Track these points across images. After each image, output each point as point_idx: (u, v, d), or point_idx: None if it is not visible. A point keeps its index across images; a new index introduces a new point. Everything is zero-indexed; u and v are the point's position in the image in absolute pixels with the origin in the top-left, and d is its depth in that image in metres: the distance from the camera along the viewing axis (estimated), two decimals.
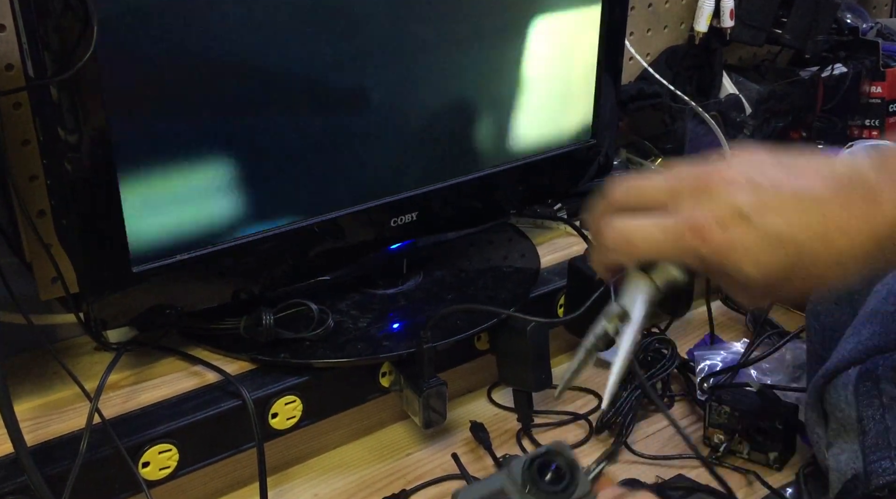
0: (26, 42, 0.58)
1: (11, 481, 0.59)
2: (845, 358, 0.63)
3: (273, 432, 0.70)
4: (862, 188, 0.45)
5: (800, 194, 0.45)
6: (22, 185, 0.67)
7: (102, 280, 0.63)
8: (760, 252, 0.45)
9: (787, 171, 0.47)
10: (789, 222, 0.45)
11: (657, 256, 0.48)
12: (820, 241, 0.45)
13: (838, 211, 0.45)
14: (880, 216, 0.45)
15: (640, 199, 0.49)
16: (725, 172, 0.47)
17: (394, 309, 0.79)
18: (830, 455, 0.64)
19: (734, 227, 0.45)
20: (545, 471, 0.47)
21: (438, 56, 0.74)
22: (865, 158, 0.46)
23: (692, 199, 0.47)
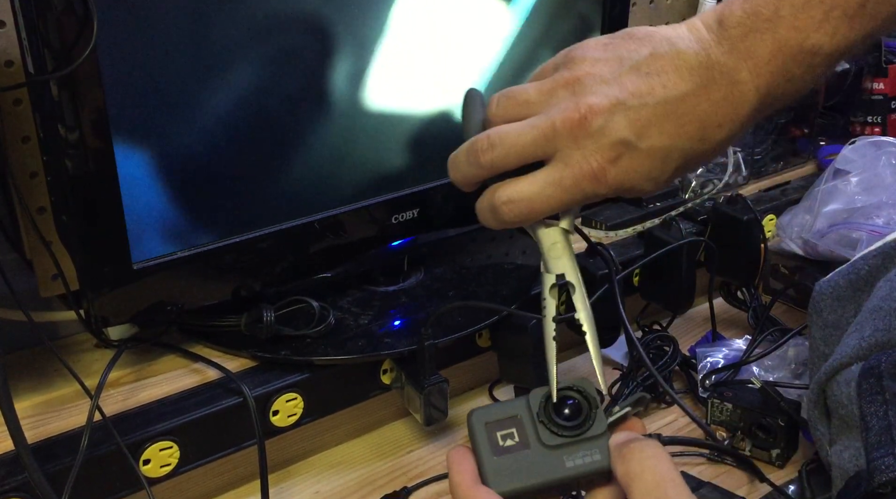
0: (26, 38, 0.58)
1: (12, 478, 0.59)
2: (848, 355, 0.63)
3: (274, 429, 0.70)
4: (719, 73, 0.47)
5: (668, 100, 0.48)
6: (22, 181, 0.67)
7: (103, 277, 0.63)
8: (652, 170, 0.48)
9: (642, 74, 0.48)
10: (669, 134, 0.48)
11: (561, 209, 0.49)
12: (698, 140, 0.48)
13: (706, 106, 0.48)
14: (740, 97, 0.48)
15: (520, 157, 0.49)
16: (590, 98, 0.48)
17: (395, 306, 0.79)
18: (833, 452, 0.64)
19: (622, 159, 0.48)
20: (563, 406, 0.46)
21: (440, 53, 0.74)
22: (705, 31, 0.48)
23: (573, 141, 0.48)
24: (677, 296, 0.87)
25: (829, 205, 0.91)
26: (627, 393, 0.78)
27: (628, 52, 0.49)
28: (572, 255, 0.50)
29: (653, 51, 0.49)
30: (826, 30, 0.48)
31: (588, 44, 0.51)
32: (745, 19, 0.48)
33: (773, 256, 0.96)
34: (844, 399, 0.62)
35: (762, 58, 0.48)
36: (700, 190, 1.02)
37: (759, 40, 0.48)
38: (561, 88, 0.49)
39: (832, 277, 0.71)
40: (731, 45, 0.48)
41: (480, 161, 0.50)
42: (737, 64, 0.48)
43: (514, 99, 0.51)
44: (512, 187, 0.49)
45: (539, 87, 0.50)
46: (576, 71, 0.49)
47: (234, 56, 0.64)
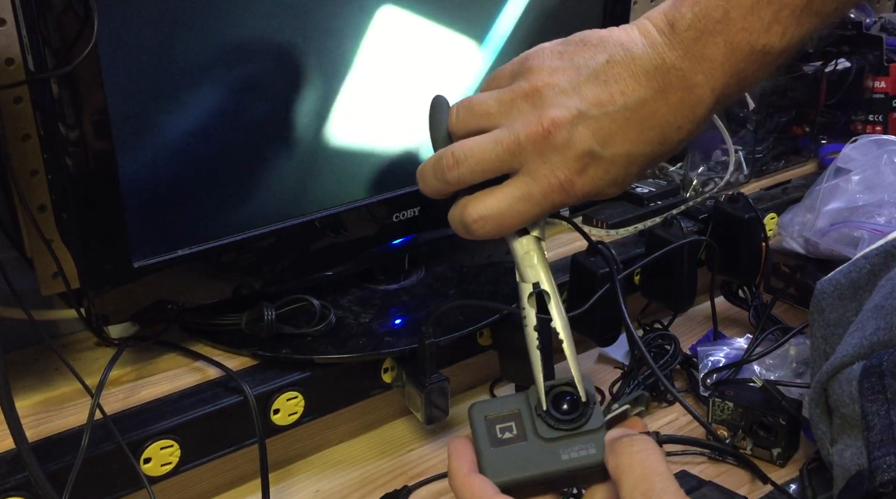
0: (26, 36, 0.58)
1: (12, 477, 0.59)
2: (849, 353, 0.63)
3: (275, 427, 0.70)
4: (675, 78, 0.49)
5: (628, 107, 0.48)
6: (22, 179, 0.67)
7: (103, 275, 0.63)
8: (616, 176, 0.50)
9: (600, 82, 0.49)
10: (631, 141, 0.49)
11: (530, 222, 0.50)
12: (659, 144, 0.50)
13: (665, 110, 0.49)
14: (696, 99, 0.49)
15: (486, 172, 0.50)
16: (551, 111, 0.48)
17: (396, 304, 0.79)
18: (835, 451, 0.63)
19: (588, 169, 0.49)
20: (561, 401, 0.47)
21: (441, 50, 0.74)
22: (657, 34, 0.49)
23: (538, 155, 0.49)
24: (678, 294, 0.86)
25: (830, 203, 0.91)
26: (629, 391, 0.78)
27: (584, 60, 0.50)
28: (545, 263, 0.51)
29: (609, 58, 0.49)
30: (776, 30, 0.48)
31: (544, 51, 0.51)
32: (696, 22, 0.48)
33: (775, 254, 0.96)
34: (846, 398, 0.62)
35: (716, 60, 0.48)
36: (701, 188, 1.02)
37: (712, 43, 0.48)
38: (521, 100, 0.50)
39: (834, 276, 0.71)
40: (684, 50, 0.48)
41: (447, 177, 0.51)
42: (691, 67, 0.48)
43: (474, 110, 0.52)
44: (482, 204, 0.50)
45: (499, 98, 0.51)
46: (534, 81, 0.50)
47: (239, 50, 0.63)
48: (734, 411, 0.74)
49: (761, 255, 0.89)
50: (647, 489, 0.43)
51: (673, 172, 1.04)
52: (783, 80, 1.09)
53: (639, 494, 0.43)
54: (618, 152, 0.49)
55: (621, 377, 0.82)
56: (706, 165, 1.05)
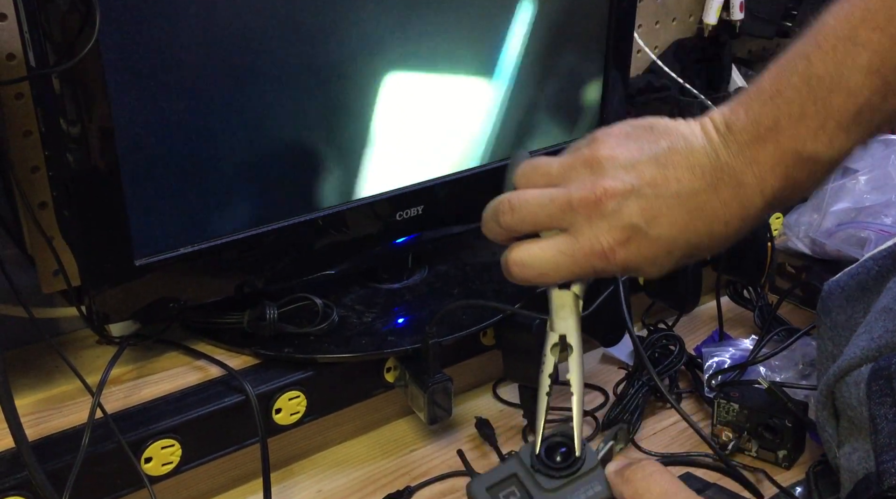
0: (28, 31, 0.57)
1: (12, 476, 0.59)
2: (857, 356, 0.62)
3: (277, 427, 0.70)
4: (727, 175, 0.50)
5: (680, 194, 0.50)
6: (23, 176, 0.67)
7: (105, 273, 0.62)
8: (658, 257, 0.51)
9: (659, 165, 0.50)
10: (678, 227, 0.50)
11: (569, 279, 0.52)
12: (705, 235, 0.51)
13: (715, 204, 0.50)
14: (746, 199, 0.50)
15: (535, 225, 0.52)
16: (607, 181, 0.50)
17: (399, 304, 0.79)
18: (842, 454, 0.63)
19: (631, 242, 0.50)
20: (553, 453, 0.49)
21: (443, 48, 0.73)
22: (715, 133, 0.51)
23: (587, 219, 0.51)
24: (683, 295, 0.86)
25: (837, 203, 0.90)
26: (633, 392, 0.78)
27: (648, 143, 0.52)
28: (578, 320, 0.52)
29: (670, 145, 0.51)
30: (822, 140, 0.50)
31: (613, 129, 0.54)
32: (749, 126, 0.51)
33: (780, 255, 0.95)
34: (853, 401, 0.62)
35: (766, 164, 0.50)
36: None
37: (763, 148, 0.50)
38: (581, 165, 0.52)
39: (841, 277, 0.71)
40: (738, 149, 0.50)
41: (500, 220, 0.53)
42: (743, 168, 0.50)
43: (538, 169, 0.54)
44: (525, 250, 0.52)
45: (562, 162, 0.53)
46: (596, 151, 0.52)
47: (240, 52, 0.63)
48: (739, 413, 0.74)
49: (767, 255, 0.88)
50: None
51: None
52: None
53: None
54: (662, 234, 0.50)
55: (625, 378, 0.81)
56: None
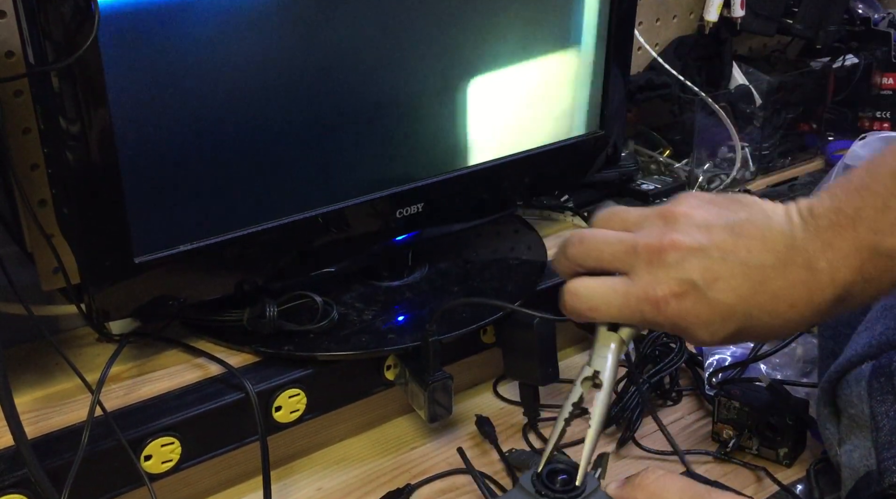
0: (27, 28, 0.57)
1: (12, 474, 0.59)
2: (858, 353, 0.62)
3: (277, 425, 0.69)
4: (800, 257, 0.49)
5: (747, 264, 0.49)
6: (23, 174, 0.67)
7: (104, 271, 0.62)
8: (711, 321, 0.50)
9: (732, 232, 0.50)
10: (738, 295, 0.49)
11: (618, 320, 0.52)
12: (766, 312, 0.50)
13: (782, 283, 0.49)
14: (817, 284, 0.49)
15: (599, 261, 0.52)
16: (676, 235, 0.50)
17: (399, 301, 0.78)
18: (843, 452, 0.63)
19: (686, 298, 0.50)
20: (553, 479, 0.50)
21: (444, 45, 0.73)
22: (797, 215, 0.50)
23: (647, 266, 0.50)
24: None
25: None
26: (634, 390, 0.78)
27: (727, 211, 0.52)
28: (616, 364, 0.53)
29: (749, 217, 0.51)
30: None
31: (699, 193, 0.55)
32: (830, 212, 0.50)
33: None
34: (854, 398, 0.62)
35: (841, 252, 0.49)
36: (707, 185, 1.01)
37: (840, 234, 0.49)
38: (656, 217, 0.53)
39: None
40: (815, 234, 0.50)
41: (566, 251, 0.54)
42: (817, 252, 0.49)
43: (616, 214, 0.55)
44: (582, 282, 0.53)
45: (641, 212, 0.54)
46: (675, 208, 0.53)
47: (240, 45, 0.63)
48: (740, 411, 0.74)
49: None
50: (693, 493, 0.45)
51: (679, 169, 1.04)
52: (791, 76, 1.09)
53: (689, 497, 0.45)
54: (720, 298, 0.49)
55: (626, 376, 0.81)
56: (712, 161, 1.04)
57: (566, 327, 0.84)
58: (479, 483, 0.71)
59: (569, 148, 0.85)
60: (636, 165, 1.01)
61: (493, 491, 0.70)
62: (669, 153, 1.05)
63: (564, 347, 0.86)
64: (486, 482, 0.71)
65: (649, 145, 1.06)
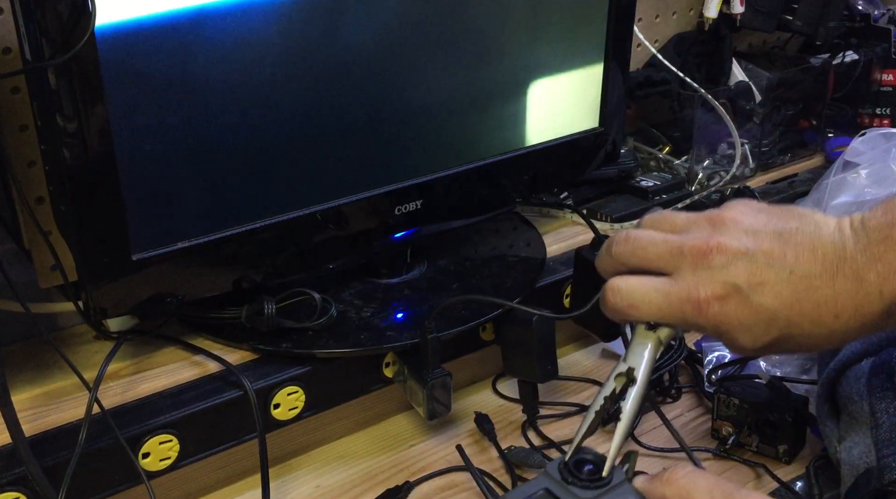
0: (23, 25, 0.57)
1: (9, 472, 0.58)
2: (858, 350, 0.62)
3: (275, 422, 0.69)
4: (849, 267, 0.49)
5: (793, 271, 0.49)
6: (20, 171, 0.66)
7: (102, 268, 0.62)
8: (753, 326, 0.50)
9: (780, 239, 0.50)
10: (782, 301, 0.49)
11: (658, 319, 0.52)
12: (810, 320, 0.49)
13: (828, 291, 0.49)
14: (864, 297, 0.49)
15: (644, 260, 0.52)
16: (723, 238, 0.50)
17: (398, 298, 0.78)
18: (842, 449, 0.63)
19: (729, 302, 0.49)
20: (581, 467, 0.49)
21: (443, 43, 0.73)
22: (849, 228, 0.50)
23: (692, 267, 0.50)
24: None
25: (838, 197, 0.90)
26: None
27: (777, 219, 0.52)
28: (652, 363, 0.52)
29: (799, 226, 0.51)
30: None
31: (749, 201, 0.55)
32: (884, 226, 0.50)
33: None
34: (854, 395, 0.62)
35: (892, 264, 0.49)
36: (707, 182, 1.01)
37: (893, 249, 0.49)
38: (705, 221, 0.53)
39: None
40: (866, 245, 0.49)
41: (611, 249, 0.54)
42: (867, 264, 0.49)
43: (666, 218, 0.55)
44: (624, 280, 0.53)
45: (689, 216, 0.54)
46: (724, 213, 0.53)
47: (237, 44, 0.63)
48: (740, 408, 0.73)
49: None
50: (724, 491, 0.44)
51: (678, 166, 1.03)
52: (790, 72, 1.08)
53: (719, 496, 0.44)
54: (764, 303, 0.49)
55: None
56: (712, 158, 1.04)
57: (565, 325, 0.84)
58: (478, 481, 0.71)
59: (568, 145, 0.85)
60: (635, 161, 1.01)
61: (492, 488, 0.70)
62: (669, 150, 1.05)
63: (563, 344, 0.86)
64: (485, 480, 0.71)
65: (649, 142, 1.06)
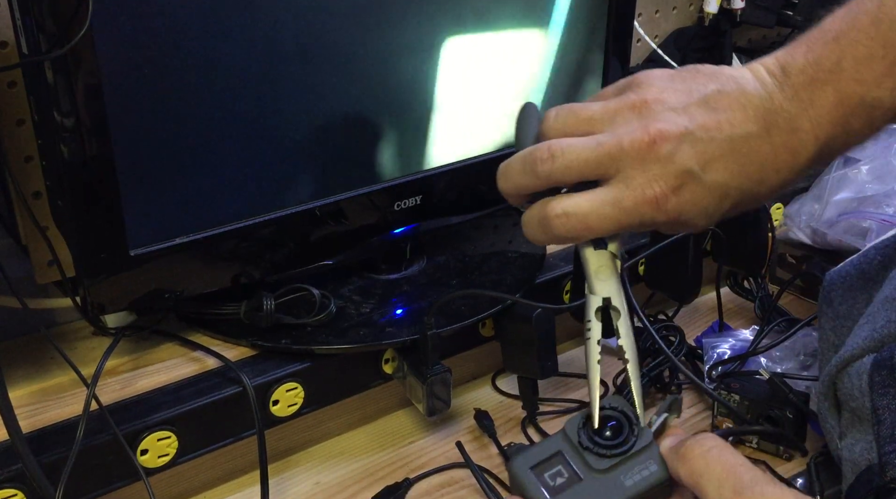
0: (20, 18, 0.56)
1: (6, 468, 0.58)
2: (859, 346, 0.62)
3: (274, 419, 0.69)
4: (782, 119, 0.48)
5: (733, 138, 0.48)
6: (17, 166, 0.66)
7: (99, 263, 0.62)
8: (709, 206, 0.48)
9: (709, 108, 0.48)
10: (731, 172, 0.48)
11: (615, 231, 0.49)
12: (756, 181, 0.49)
13: (768, 149, 0.48)
14: (800, 145, 0.48)
15: (581, 172, 0.48)
16: (660, 124, 0.47)
17: (397, 294, 0.78)
18: (844, 446, 0.62)
19: (685, 190, 0.47)
20: (603, 427, 0.45)
21: (444, 37, 0.73)
22: (768, 76, 0.49)
23: (638, 164, 0.47)
24: (684, 285, 0.85)
25: (838, 193, 0.89)
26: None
27: (696, 85, 0.49)
28: (619, 279, 0.49)
29: (720, 87, 0.49)
30: (887, 85, 0.48)
31: (654, 72, 0.51)
32: (808, 68, 0.48)
33: (781, 245, 0.95)
34: (856, 392, 0.61)
35: (824, 108, 0.48)
36: None
37: (821, 91, 0.48)
38: (628, 110, 0.49)
39: (843, 267, 0.70)
40: (793, 93, 0.48)
41: (537, 170, 0.49)
42: (798, 111, 0.48)
43: (576, 114, 0.50)
44: (569, 200, 0.48)
45: (604, 106, 0.50)
46: (643, 95, 0.49)
47: (236, 39, 0.62)
48: (740, 404, 0.73)
49: (768, 245, 0.88)
50: (735, 484, 0.41)
51: None
52: None
53: (728, 491, 0.41)
54: (716, 180, 0.48)
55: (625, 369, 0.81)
56: None
57: (565, 322, 0.84)
58: (477, 477, 0.70)
59: None
60: None
61: (492, 485, 0.70)
62: None
63: (563, 341, 0.86)
64: (485, 477, 0.71)
65: None
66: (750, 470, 0.41)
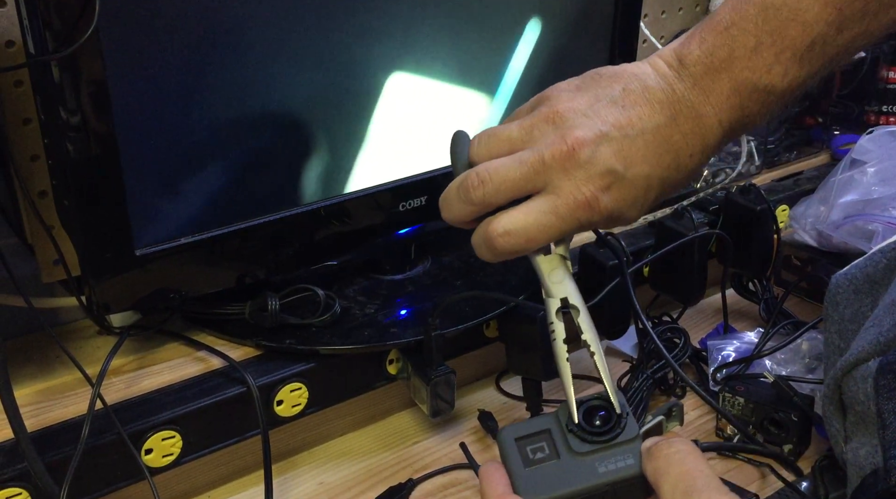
0: (27, 17, 0.57)
1: (11, 467, 0.58)
2: (865, 350, 0.62)
3: (278, 419, 0.69)
4: (686, 107, 0.51)
5: (646, 131, 0.51)
6: (23, 165, 0.66)
7: (105, 263, 0.62)
8: (637, 197, 0.51)
9: (618, 107, 0.51)
10: (650, 163, 0.51)
11: (557, 238, 0.51)
12: (674, 169, 0.52)
13: (679, 137, 0.51)
14: (707, 129, 0.51)
15: (511, 191, 0.51)
16: (576, 131, 0.50)
17: (401, 295, 0.78)
18: (849, 449, 0.62)
19: (612, 188, 0.50)
20: (592, 417, 0.47)
21: (449, 36, 0.73)
22: (667, 68, 0.52)
23: (563, 173, 0.50)
24: (688, 287, 0.85)
25: (844, 195, 0.89)
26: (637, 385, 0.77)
27: (602, 89, 0.52)
28: (572, 278, 0.52)
29: (624, 86, 0.52)
30: (777, 71, 0.51)
31: (560, 85, 0.54)
32: (703, 58, 0.51)
33: (786, 247, 0.94)
34: (861, 395, 0.61)
35: (721, 94, 0.51)
36: (712, 179, 1.00)
37: (717, 79, 0.51)
38: (543, 123, 0.52)
39: (849, 270, 0.70)
40: (693, 82, 0.51)
41: (472, 197, 0.52)
42: (699, 99, 0.51)
43: (497, 137, 0.53)
44: (507, 218, 0.51)
45: (520, 124, 0.52)
46: (555, 106, 0.52)
47: (242, 37, 0.62)
48: (745, 407, 0.73)
49: (773, 247, 0.88)
50: (687, 487, 0.42)
51: None
52: None
53: (679, 493, 0.42)
54: (638, 173, 0.51)
55: (630, 371, 0.81)
56: (717, 155, 1.03)
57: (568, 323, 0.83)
58: None
59: None
60: None
61: None
62: None
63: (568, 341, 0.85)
64: None
65: None
66: (706, 477, 0.42)
